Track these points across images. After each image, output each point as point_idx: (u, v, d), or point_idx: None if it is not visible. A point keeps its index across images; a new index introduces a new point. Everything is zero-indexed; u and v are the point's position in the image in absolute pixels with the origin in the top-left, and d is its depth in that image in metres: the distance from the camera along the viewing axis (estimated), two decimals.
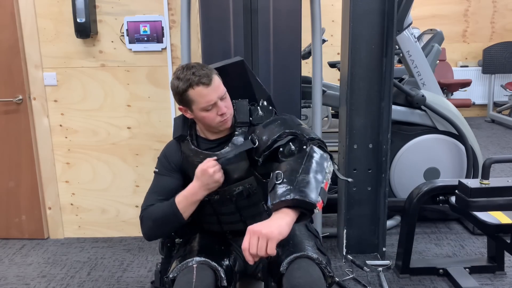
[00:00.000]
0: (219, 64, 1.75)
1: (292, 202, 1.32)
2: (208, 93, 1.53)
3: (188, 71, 1.54)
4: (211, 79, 1.54)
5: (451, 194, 2.29)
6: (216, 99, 1.55)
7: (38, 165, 2.98)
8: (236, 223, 1.70)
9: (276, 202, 1.34)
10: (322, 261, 1.53)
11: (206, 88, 1.53)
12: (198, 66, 1.56)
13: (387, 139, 2.60)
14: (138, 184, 3.00)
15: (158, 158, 1.73)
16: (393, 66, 2.53)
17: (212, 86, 1.54)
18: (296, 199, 1.32)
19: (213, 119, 1.59)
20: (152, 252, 2.86)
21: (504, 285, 2.42)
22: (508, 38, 6.50)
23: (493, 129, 6.03)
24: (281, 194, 1.34)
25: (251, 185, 1.64)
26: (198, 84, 1.52)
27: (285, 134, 1.53)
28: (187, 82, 1.53)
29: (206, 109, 1.56)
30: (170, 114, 2.87)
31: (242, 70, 1.77)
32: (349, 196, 2.69)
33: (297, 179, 1.36)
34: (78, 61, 2.83)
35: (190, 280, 1.46)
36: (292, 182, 1.35)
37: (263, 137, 1.56)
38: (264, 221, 1.33)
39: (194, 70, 1.54)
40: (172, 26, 2.76)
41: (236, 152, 1.59)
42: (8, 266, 2.75)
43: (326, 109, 4.87)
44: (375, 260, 2.67)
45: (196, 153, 1.65)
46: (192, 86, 1.53)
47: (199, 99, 1.54)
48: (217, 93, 1.55)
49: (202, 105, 1.55)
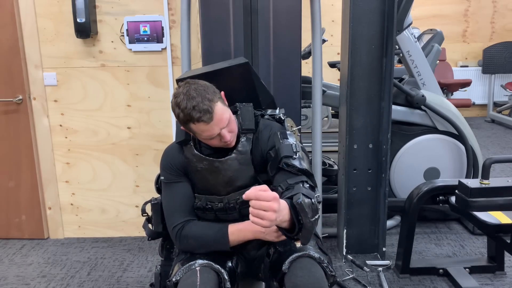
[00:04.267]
0: (224, 65, 1.71)
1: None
2: (209, 129, 1.47)
3: (189, 102, 1.44)
4: (213, 115, 1.45)
5: (451, 194, 2.29)
6: (219, 131, 1.49)
7: (38, 165, 2.98)
8: None
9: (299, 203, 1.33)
10: (324, 260, 1.53)
11: (207, 125, 1.46)
12: (199, 98, 1.45)
13: (387, 139, 2.60)
14: (138, 184, 3.00)
15: (161, 167, 1.68)
16: (393, 66, 2.53)
17: (214, 121, 1.46)
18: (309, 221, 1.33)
19: (216, 144, 1.56)
20: (152, 252, 2.86)
21: (504, 285, 2.42)
22: (508, 38, 6.50)
23: (493, 129, 6.03)
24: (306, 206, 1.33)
25: None
26: (199, 121, 1.45)
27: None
28: (188, 117, 1.45)
29: (208, 139, 1.52)
30: (170, 114, 2.87)
31: (246, 71, 1.74)
32: (349, 196, 2.69)
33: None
34: (78, 61, 2.83)
35: (194, 282, 1.45)
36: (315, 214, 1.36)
37: (302, 161, 1.52)
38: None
39: (195, 103, 1.44)
40: (172, 26, 2.76)
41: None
42: (8, 266, 2.75)
43: (326, 109, 4.87)
44: (375, 260, 2.67)
45: (199, 158, 1.61)
46: (193, 122, 1.46)
47: (201, 133, 1.50)
48: (220, 126, 1.49)
49: (204, 137, 1.52)
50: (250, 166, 1.61)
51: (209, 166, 1.61)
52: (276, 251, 1.60)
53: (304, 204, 1.32)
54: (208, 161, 1.60)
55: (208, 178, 1.62)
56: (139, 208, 3.02)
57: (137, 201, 3.01)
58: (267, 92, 1.81)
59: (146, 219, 1.86)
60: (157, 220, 1.78)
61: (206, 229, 1.59)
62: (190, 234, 1.59)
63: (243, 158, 1.60)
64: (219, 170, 1.60)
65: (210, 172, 1.61)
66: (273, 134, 1.62)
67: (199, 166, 1.61)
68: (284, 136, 1.59)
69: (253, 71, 1.76)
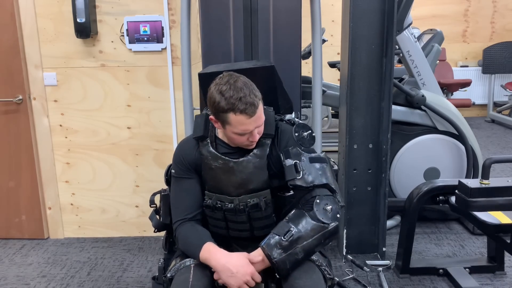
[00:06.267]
0: (249, 65, 1.71)
1: (270, 260, 1.46)
2: (248, 123, 1.46)
3: (236, 92, 1.43)
4: (256, 110, 1.45)
5: (451, 194, 2.29)
6: (253, 129, 1.49)
7: (38, 165, 2.98)
8: (244, 231, 1.68)
9: (263, 247, 1.47)
10: (322, 263, 1.53)
11: (248, 118, 1.45)
12: (247, 90, 1.44)
13: (387, 139, 2.60)
14: (138, 184, 3.00)
15: (174, 160, 1.66)
16: (393, 66, 2.53)
17: (255, 117, 1.46)
18: (274, 262, 1.45)
19: (242, 142, 1.54)
20: (152, 252, 2.86)
21: (504, 285, 2.42)
22: (508, 38, 6.49)
23: (493, 129, 6.03)
24: (272, 246, 1.46)
25: (266, 197, 1.61)
26: (242, 112, 1.43)
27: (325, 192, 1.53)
28: (231, 105, 1.43)
29: (239, 134, 1.50)
30: (170, 114, 2.87)
31: (270, 75, 1.72)
32: (349, 196, 2.69)
33: (293, 250, 1.46)
34: (78, 61, 2.83)
35: (187, 279, 1.46)
36: (287, 250, 1.45)
37: (308, 176, 1.52)
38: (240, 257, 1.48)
39: (242, 94, 1.43)
40: (172, 26, 2.76)
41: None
42: (8, 266, 2.75)
43: (326, 109, 4.87)
44: (375, 260, 2.67)
45: (214, 156, 1.59)
46: (234, 111, 1.43)
47: (237, 125, 1.47)
48: (257, 124, 1.49)
49: (237, 131, 1.49)
50: (265, 171, 1.60)
51: (223, 166, 1.59)
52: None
53: (267, 246, 1.46)
54: (223, 160, 1.59)
55: (221, 177, 1.61)
56: (139, 208, 3.02)
57: (137, 201, 3.01)
58: (287, 97, 1.80)
59: (153, 210, 1.85)
60: (165, 211, 1.78)
61: (191, 234, 1.58)
62: (179, 236, 1.60)
63: (258, 162, 1.59)
64: (233, 171, 1.59)
65: (224, 171, 1.60)
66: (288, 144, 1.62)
67: (214, 165, 1.59)
68: (287, 156, 1.57)
69: (277, 75, 1.75)
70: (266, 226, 1.64)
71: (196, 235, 1.57)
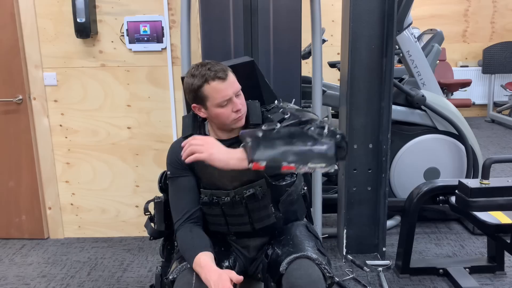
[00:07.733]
0: (229, 63, 1.71)
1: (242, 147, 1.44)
2: (224, 88, 1.51)
3: (203, 67, 1.53)
4: (227, 74, 1.52)
5: (451, 194, 2.29)
6: (232, 94, 1.53)
7: (38, 165, 2.98)
8: (244, 225, 1.67)
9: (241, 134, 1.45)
10: (322, 262, 1.52)
11: (222, 82, 1.51)
12: (213, 62, 1.55)
13: (387, 139, 2.60)
14: (138, 184, 3.00)
15: (167, 162, 1.68)
16: (393, 66, 2.53)
17: (228, 81, 1.52)
18: (243, 146, 1.43)
19: (228, 116, 1.55)
20: (152, 252, 2.86)
21: (504, 285, 2.42)
22: (508, 38, 6.50)
23: (493, 129, 6.03)
24: (245, 134, 1.43)
25: (261, 187, 1.61)
26: (214, 79, 1.50)
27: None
28: (203, 77, 1.51)
29: (221, 105, 1.53)
30: (170, 114, 2.87)
31: (251, 70, 1.74)
32: (349, 196, 2.69)
33: (273, 133, 1.43)
34: (78, 61, 2.84)
35: (189, 281, 1.46)
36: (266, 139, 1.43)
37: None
38: (223, 148, 1.47)
39: (209, 66, 1.53)
40: (172, 26, 2.76)
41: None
42: (8, 266, 2.75)
43: (326, 109, 4.87)
44: (375, 260, 2.67)
45: None
46: (207, 81, 1.50)
47: (215, 95, 1.51)
48: (233, 89, 1.53)
49: (218, 101, 1.52)
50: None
51: None
52: (274, 252, 1.60)
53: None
54: None
55: (215, 172, 1.60)
56: (139, 208, 3.02)
57: (137, 201, 3.01)
58: (271, 91, 1.81)
59: (148, 218, 1.85)
60: (160, 219, 1.78)
61: (187, 241, 1.57)
62: (178, 238, 1.60)
63: None
64: None
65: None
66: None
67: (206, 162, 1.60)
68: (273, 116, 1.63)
69: (258, 70, 1.77)
70: (265, 216, 1.65)
71: (191, 243, 1.56)
